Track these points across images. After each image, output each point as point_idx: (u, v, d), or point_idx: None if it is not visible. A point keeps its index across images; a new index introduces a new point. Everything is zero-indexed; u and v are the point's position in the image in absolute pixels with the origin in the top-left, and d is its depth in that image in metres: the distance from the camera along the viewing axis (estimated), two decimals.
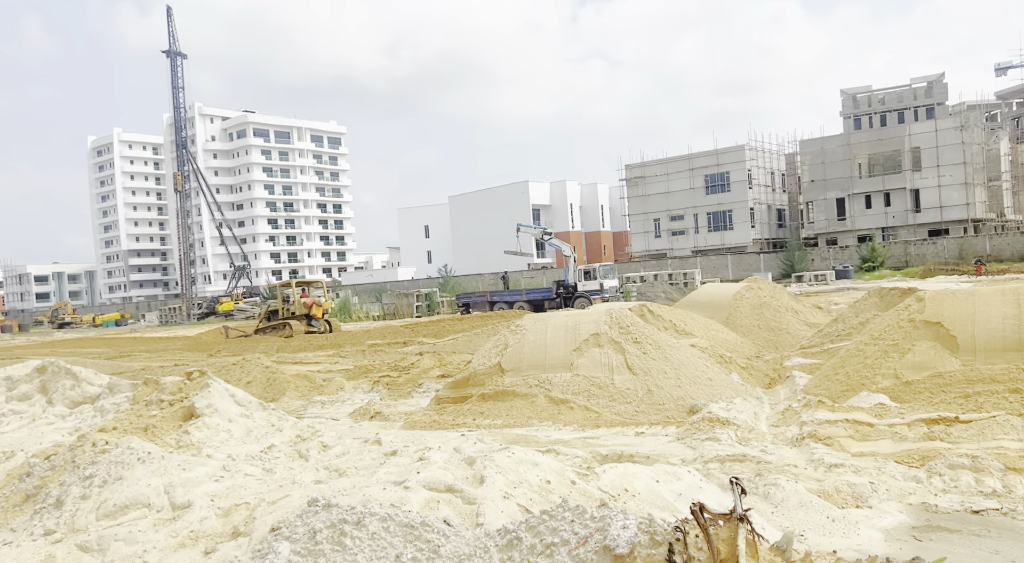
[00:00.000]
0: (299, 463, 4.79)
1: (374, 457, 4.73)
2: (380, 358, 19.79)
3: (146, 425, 5.20)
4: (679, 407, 8.49)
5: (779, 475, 5.10)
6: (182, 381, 5.78)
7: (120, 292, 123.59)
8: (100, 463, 4.44)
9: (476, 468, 3.96)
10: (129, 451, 4.44)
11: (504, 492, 3.70)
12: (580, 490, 3.90)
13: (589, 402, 8.81)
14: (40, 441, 5.98)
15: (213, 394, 5.40)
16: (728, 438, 6.87)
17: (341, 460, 4.78)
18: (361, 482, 4.00)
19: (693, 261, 62.24)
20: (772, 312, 14.94)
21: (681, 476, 4.30)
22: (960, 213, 57.52)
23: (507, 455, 4.04)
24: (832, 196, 63.43)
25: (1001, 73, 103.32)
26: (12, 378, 7.11)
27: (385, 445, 4.99)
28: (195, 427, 5.07)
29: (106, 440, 4.70)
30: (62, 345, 38.41)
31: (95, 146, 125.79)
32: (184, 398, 5.45)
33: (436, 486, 3.76)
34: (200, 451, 4.75)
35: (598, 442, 7.73)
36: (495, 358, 10.10)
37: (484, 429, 9.05)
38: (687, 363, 9.18)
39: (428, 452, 4.40)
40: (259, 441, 5.12)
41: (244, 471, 4.41)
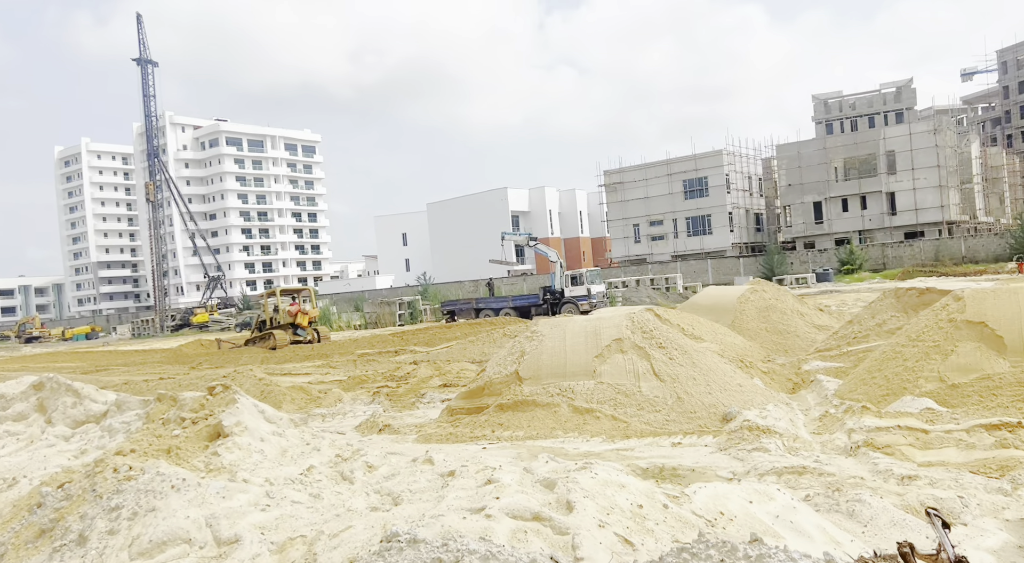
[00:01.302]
0: (345, 487, 4.34)
1: (429, 479, 4.29)
2: (373, 368, 19.24)
3: (168, 446, 4.71)
4: (711, 415, 8.15)
5: (859, 490, 4.75)
6: (204, 397, 5.30)
7: (90, 305, 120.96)
8: (127, 492, 3.95)
9: (559, 492, 3.55)
10: (160, 477, 3.96)
11: (598, 520, 3.29)
12: (675, 515, 3.51)
13: (616, 411, 8.42)
14: (44, 466, 5.44)
15: (241, 410, 4.93)
16: (776, 448, 6.52)
17: (392, 482, 4.33)
18: (430, 509, 3.57)
19: (673, 266, 62.32)
20: (779, 315, 14.70)
21: (773, 496, 3.92)
22: (935, 215, 58.28)
23: (590, 476, 3.64)
24: (809, 200, 63.95)
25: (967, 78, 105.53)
26: (5, 396, 6.55)
27: (438, 465, 4.56)
28: (225, 448, 4.59)
29: (129, 465, 4.21)
30: (33, 360, 37.19)
31: (62, 156, 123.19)
32: (208, 415, 4.97)
33: (521, 514, 3.35)
34: (235, 475, 4.28)
35: (633, 454, 7.34)
36: (511, 366, 9.68)
37: (505, 441, 8.62)
38: (715, 368, 8.85)
39: (495, 473, 3.98)
40: (296, 462, 4.66)
41: (290, 498, 3.96)
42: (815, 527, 3.81)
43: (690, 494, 3.74)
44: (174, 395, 5.71)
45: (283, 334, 26.97)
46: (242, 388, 14.67)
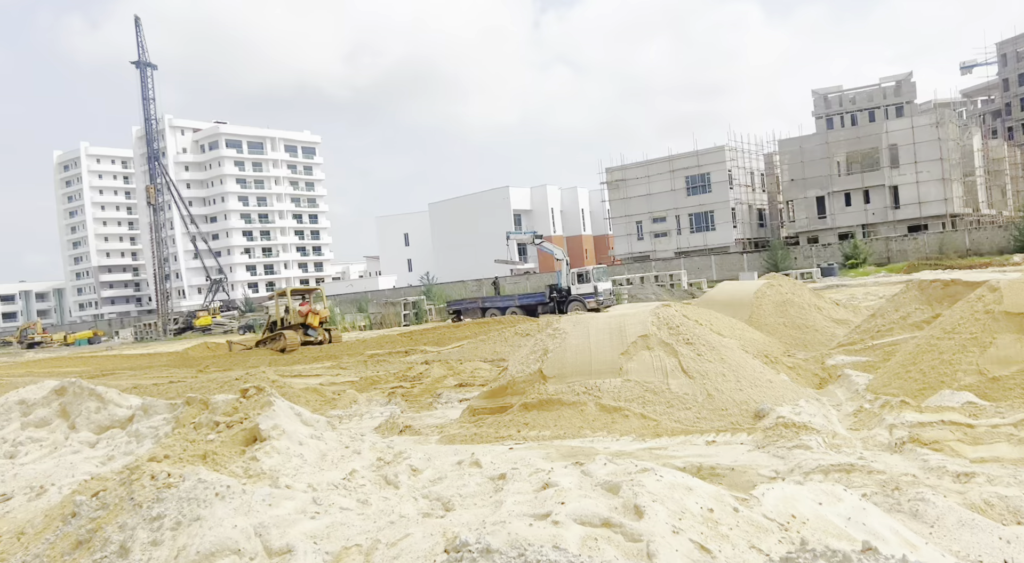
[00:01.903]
0: (390, 491, 4.17)
1: (479, 483, 4.13)
2: (384, 368, 19.08)
3: (204, 452, 4.55)
4: (743, 412, 7.99)
5: (920, 488, 4.58)
6: (236, 399, 5.13)
7: (91, 309, 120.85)
8: (168, 500, 3.79)
9: (624, 496, 3.39)
10: (202, 485, 3.80)
11: (671, 526, 3.13)
12: (747, 519, 3.35)
13: (645, 409, 8.26)
14: (71, 473, 5.28)
15: (278, 413, 4.77)
16: (818, 445, 6.36)
17: (440, 487, 4.17)
18: (489, 516, 3.41)
19: (676, 262, 62.19)
20: (796, 309, 14.54)
21: (841, 497, 3.76)
22: (938, 208, 58.11)
23: (656, 479, 3.48)
24: (812, 195, 63.80)
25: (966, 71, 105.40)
26: (27, 402, 6.38)
27: (487, 468, 4.39)
28: (263, 452, 4.43)
29: (167, 471, 4.05)
30: (37, 365, 37.03)
31: (61, 161, 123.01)
32: (243, 418, 4.80)
33: (589, 520, 3.18)
34: (276, 481, 4.12)
35: (667, 453, 7.18)
36: (535, 364, 9.52)
37: (532, 441, 8.46)
38: (744, 364, 8.69)
39: (551, 476, 3.82)
40: (337, 466, 4.49)
41: (338, 504, 3.79)
42: (888, 529, 3.65)
43: (759, 496, 3.57)
44: (204, 398, 5.55)
45: (294, 335, 26.60)
46: None
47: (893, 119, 65.53)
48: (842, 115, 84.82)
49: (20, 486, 5.35)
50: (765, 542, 3.21)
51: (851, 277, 48.34)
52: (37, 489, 5.08)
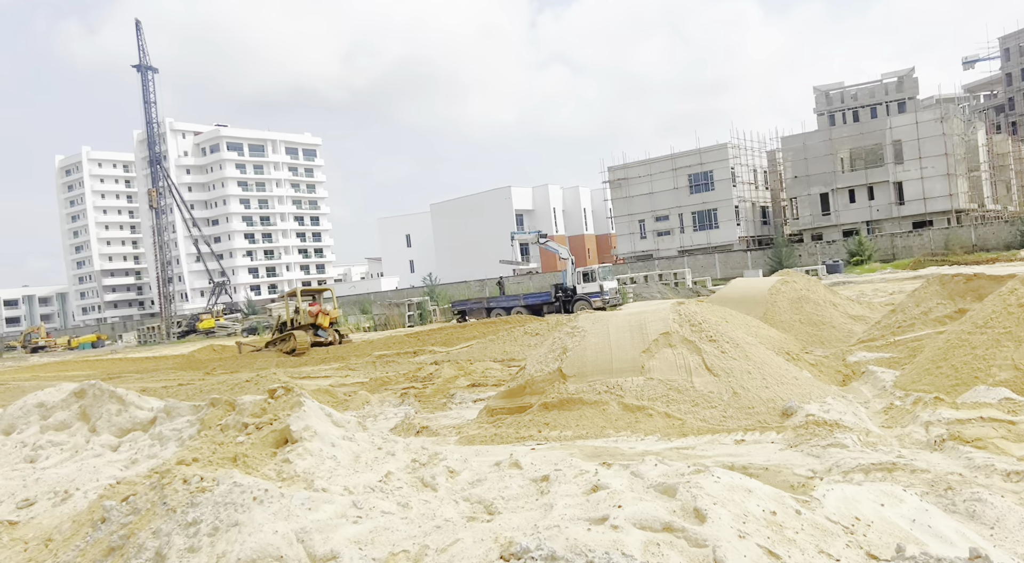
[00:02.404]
0: (429, 494, 4.04)
1: (520, 485, 3.99)
2: (393, 369, 18.95)
3: (234, 454, 4.42)
4: (770, 410, 7.85)
5: (975, 488, 4.44)
6: (264, 400, 5.00)
7: (94, 313, 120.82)
8: (203, 504, 3.66)
9: (682, 498, 3.25)
10: (238, 488, 3.67)
11: (736, 530, 2.99)
12: (811, 522, 3.21)
13: (669, 408, 8.13)
14: (95, 477, 5.15)
15: (309, 414, 4.63)
16: (853, 443, 6.22)
17: (480, 489, 4.03)
18: (541, 520, 3.27)
19: (680, 261, 62.05)
20: (812, 305, 14.39)
21: (902, 498, 3.63)
22: (943, 204, 57.92)
23: (713, 480, 3.34)
24: (816, 191, 63.62)
25: (969, 66, 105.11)
26: (46, 404, 6.25)
27: (527, 469, 4.25)
28: (296, 454, 4.30)
29: (200, 475, 3.92)
30: (43, 369, 36.95)
31: (63, 165, 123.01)
32: (273, 420, 4.67)
33: (650, 524, 3.05)
34: (311, 484, 3.99)
35: (695, 453, 7.04)
36: (554, 363, 9.38)
37: (554, 441, 8.32)
38: (769, 361, 8.55)
39: (599, 477, 3.68)
40: (371, 468, 4.36)
41: (379, 508, 3.65)
42: (954, 532, 3.51)
43: (819, 498, 3.44)
44: (230, 399, 5.41)
45: (304, 335, 26.31)
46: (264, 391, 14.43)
47: (896, 115, 65.35)
48: (844, 112, 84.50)
49: (43, 491, 5.22)
50: (833, 546, 3.08)
51: (857, 274, 48.16)
52: (61, 494, 4.95)
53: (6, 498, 5.24)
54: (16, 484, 5.43)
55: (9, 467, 5.71)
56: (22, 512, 4.96)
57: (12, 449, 5.94)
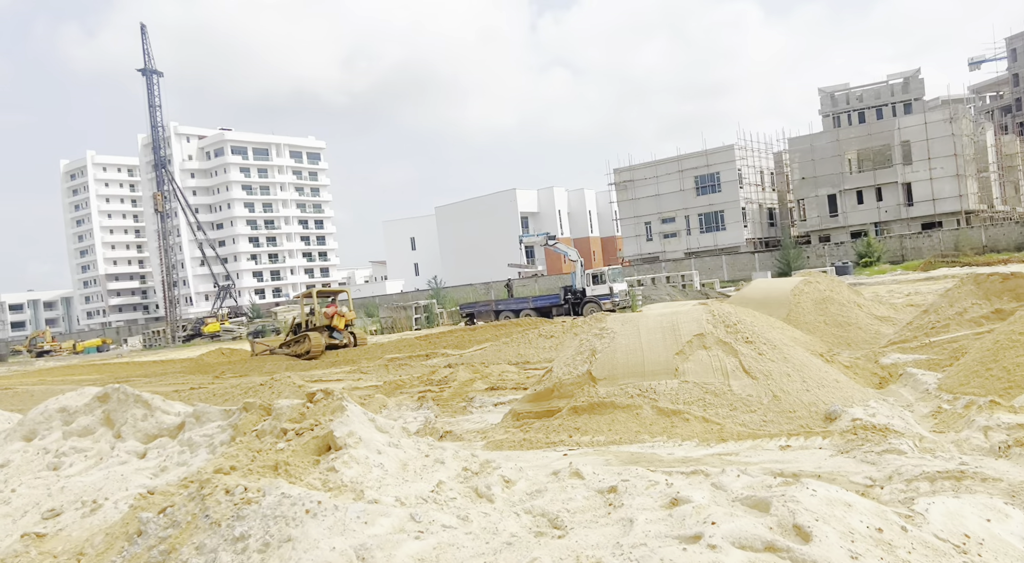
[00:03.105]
0: (486, 506, 3.78)
1: (585, 496, 3.73)
2: (406, 372, 18.70)
3: (275, 462, 4.17)
4: (812, 414, 7.59)
5: None
6: (303, 404, 4.75)
7: (99, 317, 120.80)
8: (249, 517, 3.41)
9: (778, 513, 3.00)
10: (287, 500, 3.42)
11: (847, 550, 2.74)
12: (920, 540, 2.96)
13: (706, 412, 7.87)
14: (125, 486, 4.91)
15: (352, 419, 4.39)
16: (910, 449, 5.95)
17: (542, 501, 3.77)
18: (623, 537, 3.02)
19: (687, 263, 61.76)
20: (837, 306, 14.12)
21: (1008, 513, 3.37)
22: (953, 205, 57.56)
23: (809, 493, 3.09)
24: (823, 193, 63.29)
25: (975, 67, 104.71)
26: (68, 409, 6.01)
27: (589, 479, 4.00)
28: (342, 462, 4.05)
29: (243, 485, 3.67)
30: (50, 374, 36.77)
31: (68, 170, 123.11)
32: (314, 425, 4.42)
33: (750, 543, 2.79)
34: (361, 495, 3.74)
35: (739, 459, 6.77)
36: (583, 366, 9.13)
37: (586, 446, 8.07)
38: (808, 363, 8.28)
39: (674, 488, 3.43)
40: (421, 477, 4.11)
41: (439, 521, 3.40)
42: None
43: (922, 512, 3.18)
44: (266, 404, 5.17)
45: (319, 337, 25.83)
46: (281, 395, 14.19)
47: (902, 116, 65.02)
48: (849, 113, 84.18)
49: (69, 500, 4.98)
50: None
51: (866, 276, 47.82)
52: (90, 504, 4.71)
53: (30, 508, 5.01)
54: (40, 493, 5.19)
55: (32, 475, 5.47)
56: (48, 523, 4.72)
57: (34, 456, 5.70)
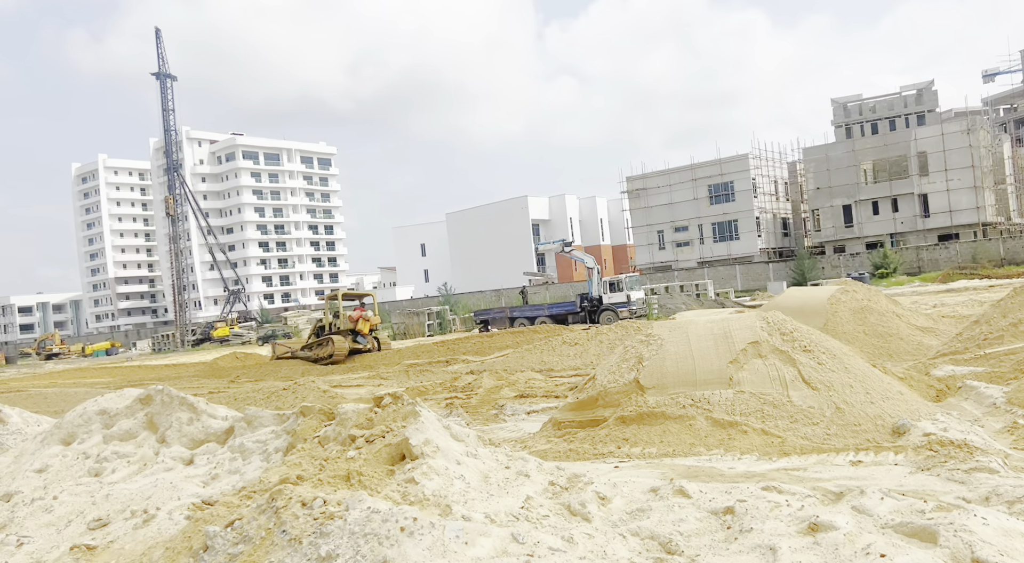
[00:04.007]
0: (584, 526, 3.45)
1: (698, 517, 3.39)
2: (427, 378, 18.40)
3: (347, 472, 3.85)
4: (878, 427, 7.23)
5: None
6: (370, 409, 4.44)
7: (108, 321, 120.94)
8: (335, 534, 3.09)
9: (950, 545, 2.66)
10: (376, 515, 3.10)
11: None
12: None
13: (765, 424, 7.52)
14: (177, 495, 4.60)
15: (427, 426, 4.07)
16: (1001, 466, 5.59)
17: (648, 523, 3.44)
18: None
19: (699, 272, 61.34)
20: (877, 316, 13.74)
21: None
22: (970, 217, 57.03)
23: (980, 521, 2.75)
24: (838, 203, 62.84)
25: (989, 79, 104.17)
26: (108, 412, 5.71)
27: (696, 497, 3.67)
28: (421, 473, 3.73)
29: (322, 497, 3.36)
30: (62, 376, 36.60)
31: (79, 173, 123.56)
32: (386, 432, 4.10)
33: None
34: (448, 510, 3.42)
35: (808, 475, 6.40)
36: (629, 373, 8.79)
37: (637, 458, 7.73)
38: (870, 374, 7.93)
39: (807, 511, 3.09)
40: (506, 491, 3.78)
41: (545, 543, 3.08)
42: None
43: None
44: (326, 408, 4.86)
45: (342, 341, 25.23)
46: (305, 400, 13.88)
47: (915, 127, 64.60)
48: (862, 124, 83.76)
49: (116, 509, 4.67)
50: None
51: (884, 286, 47.30)
52: (140, 514, 4.40)
53: (75, 517, 4.70)
54: (83, 501, 4.89)
55: (73, 481, 5.17)
56: (96, 534, 4.41)
57: (74, 461, 5.40)
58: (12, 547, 4.37)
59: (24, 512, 4.81)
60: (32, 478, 5.26)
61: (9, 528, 4.64)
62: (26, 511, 4.83)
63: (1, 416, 7.13)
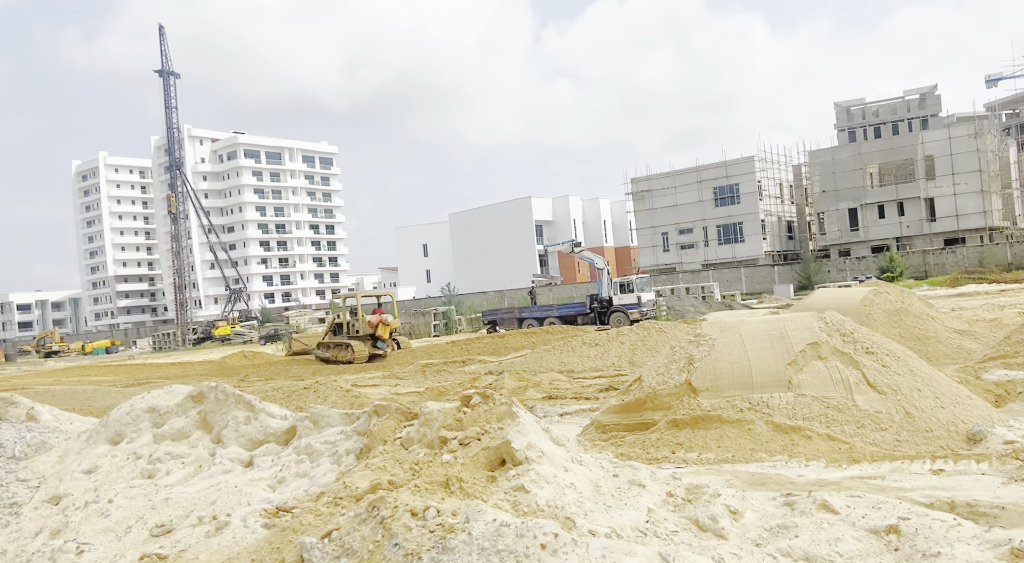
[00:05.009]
0: (721, 544, 3.14)
1: (856, 537, 3.06)
2: (446, 379, 18.06)
3: (445, 477, 3.54)
4: (952, 434, 6.92)
5: None
6: (458, 409, 4.12)
7: (107, 319, 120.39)
8: (460, 550, 2.78)
9: None
10: (507, 529, 2.78)
11: None
12: None
13: (830, 429, 7.21)
14: (246, 500, 4.27)
15: (527, 428, 3.75)
16: None
17: (796, 541, 3.11)
18: None
19: (704, 275, 61.08)
20: (912, 319, 13.45)
21: None
22: (977, 221, 56.84)
23: None
24: (844, 207, 62.64)
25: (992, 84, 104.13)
26: (158, 409, 5.38)
27: (845, 513, 3.35)
28: (530, 481, 3.41)
29: (435, 507, 3.04)
30: (65, 374, 36.21)
31: (80, 171, 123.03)
32: (481, 434, 3.79)
33: None
34: (572, 523, 3.10)
35: (887, 484, 6.09)
36: (679, 375, 8.48)
37: (695, 464, 7.41)
38: (937, 378, 7.63)
39: (996, 534, 2.78)
40: (624, 502, 3.47)
41: None
42: None
43: None
44: (406, 408, 4.54)
45: (362, 347, 24.63)
46: (328, 400, 13.56)
47: (922, 131, 64.45)
48: (865, 127, 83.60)
49: (178, 515, 4.34)
50: None
51: None
52: (209, 520, 4.07)
53: (134, 523, 4.38)
54: (141, 505, 4.57)
55: (125, 483, 4.84)
56: (162, 542, 4.09)
57: (124, 461, 5.07)
58: (72, 555, 4.05)
59: (78, 516, 4.49)
60: (81, 480, 4.94)
61: (65, 534, 4.32)
62: (80, 515, 4.51)
63: (32, 413, 6.79)
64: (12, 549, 4.37)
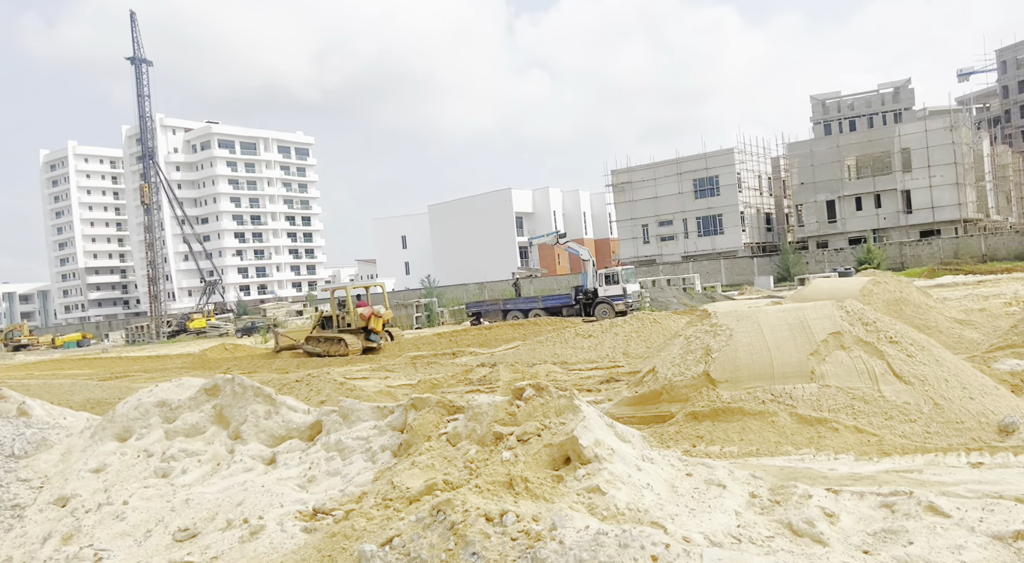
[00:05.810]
0: (820, 550, 2.89)
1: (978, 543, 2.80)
2: (437, 371, 17.73)
3: (507, 476, 3.25)
4: (983, 425, 6.78)
5: None
6: (509, 402, 3.83)
7: (77, 312, 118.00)
8: (552, 561, 2.49)
9: None
10: (606, 538, 2.51)
11: None
12: None
13: (858, 421, 7.04)
14: (278, 501, 3.95)
15: (592, 424, 3.48)
16: None
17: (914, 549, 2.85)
18: None
19: (684, 266, 61.27)
20: (913, 308, 13.40)
21: None
22: (952, 213, 57.58)
23: None
24: (822, 199, 63.13)
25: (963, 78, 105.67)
26: (169, 404, 5.02)
27: (956, 515, 3.10)
28: (604, 481, 3.14)
29: (514, 512, 2.76)
30: (37, 368, 35.25)
31: (48, 161, 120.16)
32: (541, 429, 3.50)
33: None
34: (662, 528, 2.83)
35: (925, 478, 5.90)
36: (697, 366, 8.26)
37: (717, 458, 7.19)
38: (964, 368, 7.49)
39: None
40: (707, 504, 3.21)
41: None
42: None
43: None
44: (448, 401, 4.24)
45: (355, 341, 23.96)
46: (321, 393, 13.19)
47: (897, 124, 65.14)
48: (840, 120, 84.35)
49: (202, 517, 4.01)
50: None
51: None
52: (241, 524, 3.75)
53: (154, 526, 4.03)
54: (159, 506, 4.22)
55: (138, 483, 4.49)
56: (188, 547, 3.76)
57: (135, 460, 4.72)
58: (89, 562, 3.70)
59: (91, 520, 4.14)
60: (89, 479, 4.58)
61: (78, 539, 3.97)
62: (93, 519, 4.16)
63: (24, 408, 6.38)
64: (18, 555, 4.01)
